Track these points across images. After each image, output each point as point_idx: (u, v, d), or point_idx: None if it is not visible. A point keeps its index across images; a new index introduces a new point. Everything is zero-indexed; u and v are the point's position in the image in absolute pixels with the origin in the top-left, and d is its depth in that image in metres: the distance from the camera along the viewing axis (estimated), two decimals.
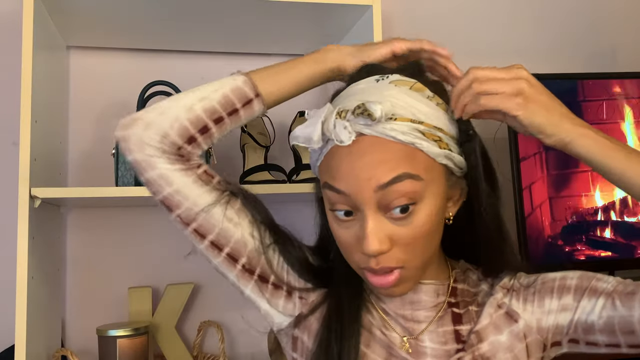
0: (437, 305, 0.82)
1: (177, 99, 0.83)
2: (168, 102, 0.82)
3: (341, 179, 0.73)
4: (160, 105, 0.82)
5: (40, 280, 1.17)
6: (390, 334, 0.81)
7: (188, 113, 0.81)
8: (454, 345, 0.80)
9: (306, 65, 0.88)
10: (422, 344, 0.80)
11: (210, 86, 0.84)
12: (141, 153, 0.79)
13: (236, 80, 0.84)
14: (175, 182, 0.79)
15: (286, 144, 1.49)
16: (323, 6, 1.26)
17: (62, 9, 1.23)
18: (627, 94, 1.53)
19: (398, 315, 0.82)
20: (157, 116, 0.80)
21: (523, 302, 0.82)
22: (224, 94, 0.83)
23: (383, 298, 0.83)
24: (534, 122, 0.74)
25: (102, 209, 1.46)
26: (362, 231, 0.72)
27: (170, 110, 0.81)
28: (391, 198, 0.71)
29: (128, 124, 0.80)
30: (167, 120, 0.80)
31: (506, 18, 1.75)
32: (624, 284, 0.78)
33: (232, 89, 0.83)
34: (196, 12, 1.28)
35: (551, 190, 1.47)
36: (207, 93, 0.83)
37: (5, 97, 1.39)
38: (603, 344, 0.78)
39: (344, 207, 0.74)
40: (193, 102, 0.81)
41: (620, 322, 0.75)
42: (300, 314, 0.84)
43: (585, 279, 0.80)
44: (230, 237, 0.81)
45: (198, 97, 0.82)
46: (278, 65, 0.88)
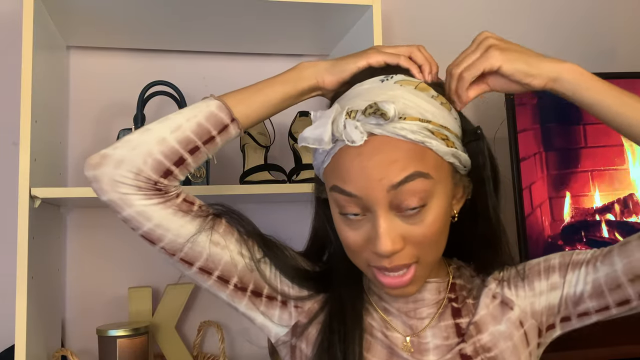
0: (438, 302, 0.84)
1: (148, 131, 0.78)
2: (138, 136, 0.77)
3: (352, 181, 0.73)
4: (130, 140, 0.77)
5: (40, 280, 1.17)
6: (392, 335, 0.82)
7: (161, 146, 0.77)
8: (455, 339, 0.81)
9: (282, 85, 0.85)
10: (424, 341, 0.81)
11: (182, 114, 0.79)
12: (115, 192, 0.76)
13: (210, 106, 0.80)
14: (154, 216, 0.77)
15: (286, 144, 1.48)
16: (323, 6, 1.26)
17: (62, 9, 1.23)
18: None
19: (401, 313, 0.82)
20: (128, 152, 0.76)
21: (515, 289, 0.85)
22: (198, 122, 0.79)
23: (385, 297, 0.83)
24: (518, 68, 0.77)
25: (102, 209, 1.45)
26: (375, 231, 0.72)
27: (142, 145, 0.76)
28: (403, 198, 0.72)
29: (97, 163, 0.76)
30: (139, 156, 0.76)
31: (506, 18, 1.75)
32: (600, 250, 0.82)
33: (207, 116, 0.79)
34: (196, 12, 1.28)
35: (551, 190, 1.47)
36: (179, 122, 0.78)
37: (5, 97, 1.39)
38: (594, 310, 0.80)
39: (354, 209, 0.74)
40: (165, 134, 0.77)
41: (606, 280, 0.78)
42: (297, 323, 0.83)
43: (566, 255, 0.84)
44: (219, 261, 0.80)
45: (170, 127, 0.78)
46: (252, 87, 0.85)
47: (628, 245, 0.78)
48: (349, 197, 0.73)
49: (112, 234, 1.44)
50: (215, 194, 1.23)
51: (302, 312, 0.84)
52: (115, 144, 0.78)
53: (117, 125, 1.36)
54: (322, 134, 0.73)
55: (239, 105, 0.81)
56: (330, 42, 1.49)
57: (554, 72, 0.77)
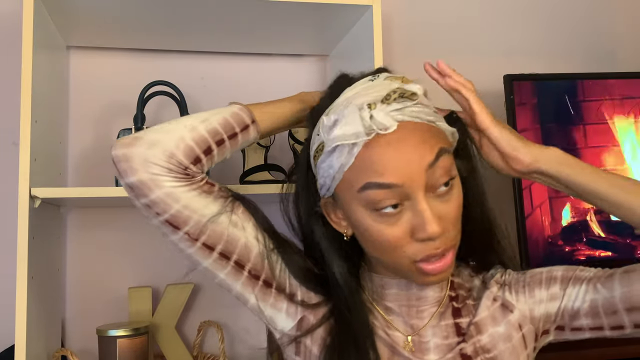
0: (439, 300, 0.85)
1: (178, 120, 0.83)
2: (169, 124, 0.82)
3: (390, 170, 0.73)
4: (162, 126, 0.81)
5: (40, 280, 1.17)
6: (393, 334, 0.82)
7: (192, 133, 0.80)
8: (455, 339, 0.82)
9: (293, 103, 0.93)
10: (424, 340, 0.82)
11: (207, 112, 0.84)
12: (146, 173, 0.77)
13: (232, 108, 0.86)
14: (182, 198, 0.78)
15: (286, 144, 1.48)
16: (323, 6, 1.26)
17: (62, 9, 1.23)
18: (627, 94, 1.53)
19: (402, 312, 0.83)
20: (162, 135, 0.79)
21: (515, 294, 0.86)
22: (224, 117, 0.83)
23: (387, 297, 0.84)
24: (504, 139, 0.83)
25: (102, 209, 1.46)
26: (419, 217, 0.73)
27: (174, 131, 0.80)
28: (437, 175, 0.74)
29: (129, 143, 0.78)
30: (172, 140, 0.79)
31: (506, 18, 1.75)
32: (603, 270, 0.84)
33: (231, 114, 0.84)
34: (196, 12, 1.28)
35: (551, 190, 1.47)
36: (206, 116, 0.83)
37: (5, 97, 1.39)
38: (587, 327, 0.82)
39: (392, 201, 0.74)
40: (195, 124, 0.81)
41: (604, 303, 0.80)
42: (303, 318, 0.84)
43: (570, 269, 0.86)
44: (237, 243, 0.80)
45: (199, 119, 0.82)
46: (267, 102, 0.93)
47: (631, 274, 0.79)
48: (387, 190, 0.73)
49: (112, 234, 1.45)
50: None
51: (309, 306, 0.84)
52: (146, 130, 0.81)
53: (117, 125, 1.36)
54: (357, 127, 0.74)
55: (256, 111, 0.87)
56: (330, 42, 1.49)
57: (539, 153, 0.82)
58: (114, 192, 1.17)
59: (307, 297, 0.85)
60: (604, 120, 1.52)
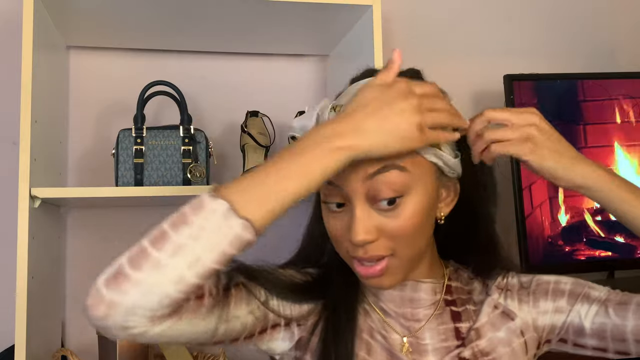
0: (434, 303, 0.84)
1: (161, 268, 0.64)
2: (149, 274, 0.64)
3: None
4: (141, 282, 0.64)
5: (40, 280, 1.17)
6: (390, 336, 0.82)
7: (179, 285, 0.64)
8: (454, 342, 0.82)
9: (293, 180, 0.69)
10: (422, 342, 0.81)
11: (201, 242, 0.64)
12: (128, 335, 0.66)
13: (233, 228, 0.65)
14: (174, 335, 0.69)
15: (286, 144, 1.48)
16: (323, 6, 1.26)
17: (62, 9, 1.23)
18: (627, 94, 1.53)
19: (398, 314, 0.83)
20: (140, 298, 0.64)
21: (518, 302, 0.85)
22: (222, 251, 0.65)
23: (382, 297, 0.84)
24: (544, 166, 0.77)
25: (102, 209, 1.45)
26: (351, 221, 0.74)
27: (155, 287, 0.64)
28: (378, 188, 0.73)
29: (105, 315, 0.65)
30: (153, 300, 0.64)
31: (506, 18, 1.75)
32: (615, 293, 0.82)
33: (231, 241, 0.65)
34: (196, 12, 1.28)
35: (551, 190, 1.47)
36: (198, 254, 0.64)
37: (5, 97, 1.39)
38: (591, 347, 0.82)
39: (335, 199, 0.76)
40: (182, 271, 0.64)
41: (613, 330, 0.79)
42: (301, 339, 0.83)
43: (578, 285, 0.84)
44: (238, 332, 0.78)
45: (188, 261, 0.64)
46: (273, 181, 0.68)
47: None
48: (331, 187, 0.76)
49: (112, 234, 1.44)
50: None
51: (305, 328, 0.83)
52: (120, 280, 0.65)
53: (117, 125, 1.36)
54: (307, 124, 0.77)
55: (259, 209, 0.66)
56: (330, 42, 1.49)
57: (582, 180, 0.78)
58: (114, 192, 1.17)
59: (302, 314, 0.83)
60: (604, 120, 1.52)
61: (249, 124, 1.41)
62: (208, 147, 1.31)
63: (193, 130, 1.29)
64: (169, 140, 1.28)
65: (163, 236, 0.66)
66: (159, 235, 0.67)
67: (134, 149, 1.25)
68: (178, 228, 0.66)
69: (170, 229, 0.67)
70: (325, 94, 1.59)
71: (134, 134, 1.26)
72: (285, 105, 1.52)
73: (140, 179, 1.24)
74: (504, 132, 0.77)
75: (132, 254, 0.68)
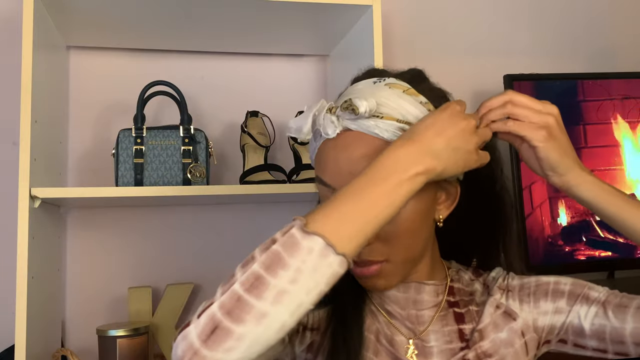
0: (437, 305, 0.84)
1: (265, 318, 0.60)
2: (255, 326, 0.60)
3: (327, 172, 0.77)
4: (244, 335, 0.59)
5: (40, 280, 1.17)
6: (396, 339, 0.82)
7: (281, 331, 0.61)
8: (458, 344, 0.82)
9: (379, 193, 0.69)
10: (427, 344, 0.82)
11: (302, 285, 0.61)
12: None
13: (332, 266, 0.62)
14: None
15: (286, 144, 1.49)
16: (323, 6, 1.26)
17: (62, 9, 1.23)
18: (627, 94, 1.53)
19: (403, 317, 0.83)
20: (243, 352, 0.59)
21: (519, 303, 0.85)
22: (320, 292, 0.63)
23: (387, 300, 0.84)
24: (550, 157, 0.78)
25: (102, 209, 1.46)
26: None
27: (261, 340, 0.60)
28: None
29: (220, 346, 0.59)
30: (257, 350, 0.60)
31: (506, 18, 1.75)
32: (614, 294, 0.83)
33: (328, 280, 0.63)
34: (196, 12, 1.28)
35: (551, 190, 1.47)
36: (300, 299, 0.61)
37: (5, 97, 1.39)
38: (591, 348, 0.82)
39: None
40: (285, 319, 0.61)
41: (612, 332, 0.80)
42: (313, 342, 0.83)
43: (578, 286, 0.84)
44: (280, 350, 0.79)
45: (290, 309, 0.61)
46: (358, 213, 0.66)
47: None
48: (327, 188, 0.77)
49: (112, 234, 1.45)
50: (215, 194, 1.23)
51: (318, 332, 0.83)
52: (221, 337, 0.59)
53: (117, 125, 1.36)
54: (303, 125, 0.77)
55: (353, 242, 0.65)
56: (330, 42, 1.49)
57: (576, 181, 0.79)
58: (114, 192, 1.17)
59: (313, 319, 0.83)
60: (604, 120, 1.52)
61: (249, 124, 1.41)
62: (208, 147, 1.31)
63: (193, 130, 1.29)
64: (169, 140, 1.28)
65: (260, 281, 0.61)
66: (255, 281, 0.61)
67: (134, 149, 1.25)
68: (275, 272, 0.61)
69: (266, 273, 0.61)
70: (325, 94, 1.59)
71: (134, 134, 1.26)
72: (285, 105, 1.52)
73: (140, 179, 1.24)
74: (527, 112, 0.77)
75: (226, 303, 0.60)
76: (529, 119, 0.77)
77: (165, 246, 1.45)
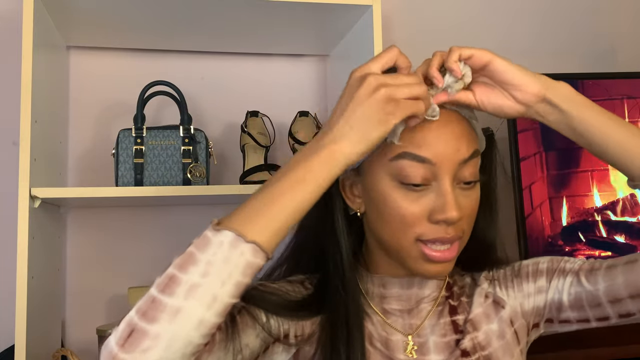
0: (435, 299, 0.85)
1: (179, 315, 0.60)
2: (169, 324, 0.60)
3: (429, 146, 0.74)
4: (160, 335, 0.59)
5: (40, 280, 1.17)
6: (392, 338, 0.82)
7: (200, 329, 0.61)
8: (453, 336, 0.82)
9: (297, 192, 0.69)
10: (424, 339, 0.82)
11: (213, 277, 0.62)
12: None
13: (244, 255, 0.63)
14: None
15: (286, 144, 1.48)
16: (323, 6, 1.26)
17: (62, 9, 1.23)
18: (627, 94, 1.53)
19: (403, 312, 0.83)
20: (163, 352, 0.59)
21: (505, 289, 0.86)
22: (236, 282, 0.63)
23: (387, 298, 0.84)
24: (511, 66, 0.77)
25: (102, 209, 1.46)
26: (442, 199, 0.74)
27: (177, 337, 0.60)
28: (466, 171, 0.76)
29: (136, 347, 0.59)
30: (178, 350, 0.60)
31: (506, 18, 1.75)
32: (588, 262, 0.84)
33: (243, 270, 0.63)
34: (196, 12, 1.28)
35: (551, 190, 1.47)
36: (214, 291, 0.61)
37: (5, 97, 1.39)
38: (574, 320, 0.83)
39: (419, 178, 0.74)
40: (201, 313, 0.61)
41: (588, 297, 0.81)
42: (299, 350, 0.82)
43: (555, 261, 0.86)
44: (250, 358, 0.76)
45: (205, 302, 0.61)
46: (270, 202, 0.67)
47: (613, 269, 0.80)
48: (419, 164, 0.74)
49: (112, 234, 1.45)
50: (215, 194, 1.23)
51: (303, 339, 0.81)
52: (136, 338, 0.59)
53: (117, 125, 1.36)
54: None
55: (267, 229, 0.65)
56: (330, 42, 1.49)
57: (550, 82, 0.77)
58: (114, 192, 1.17)
59: (300, 328, 0.81)
60: None
61: (249, 124, 1.41)
62: (208, 147, 1.31)
63: (193, 130, 1.29)
64: (169, 140, 1.28)
65: (172, 280, 0.62)
66: (167, 281, 0.62)
67: (134, 149, 1.25)
68: (186, 269, 0.62)
69: (178, 271, 0.63)
70: (326, 94, 1.59)
71: (134, 134, 1.26)
72: (285, 105, 1.52)
73: (140, 179, 1.24)
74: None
75: (142, 306, 0.61)
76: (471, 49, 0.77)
77: (165, 246, 1.44)
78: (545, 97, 0.76)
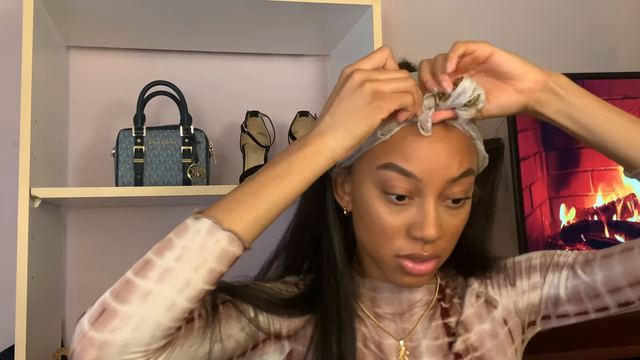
0: (428, 303, 0.84)
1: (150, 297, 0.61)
2: (140, 306, 0.61)
3: (416, 161, 0.72)
4: (130, 315, 0.61)
5: (40, 280, 1.17)
6: (385, 342, 0.81)
7: (170, 312, 0.62)
8: (446, 339, 0.82)
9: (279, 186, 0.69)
10: (416, 343, 0.81)
11: (187, 262, 0.63)
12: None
13: (219, 242, 0.64)
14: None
15: (286, 144, 1.48)
16: (323, 6, 1.26)
17: (62, 9, 1.23)
18: (627, 94, 1.53)
19: (395, 316, 0.82)
20: (131, 333, 0.61)
21: (498, 288, 0.86)
22: (210, 268, 0.63)
23: (379, 302, 0.83)
24: (512, 57, 0.76)
25: (102, 209, 1.45)
26: (422, 216, 0.72)
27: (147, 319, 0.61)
28: (454, 189, 0.73)
29: (98, 357, 0.61)
30: (147, 332, 0.61)
31: (506, 18, 1.75)
32: (582, 254, 0.83)
33: (218, 257, 0.64)
34: (196, 12, 1.28)
35: (551, 190, 1.47)
36: (187, 276, 0.62)
37: (5, 97, 1.39)
38: (573, 313, 0.82)
39: (403, 190, 0.73)
40: (173, 297, 0.62)
41: (586, 288, 0.80)
42: (292, 350, 0.81)
43: (547, 256, 0.85)
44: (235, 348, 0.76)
45: (177, 286, 0.62)
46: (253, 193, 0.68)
47: (610, 259, 0.79)
48: (404, 177, 0.72)
49: (112, 234, 1.45)
50: (216, 194, 1.23)
51: (295, 338, 0.81)
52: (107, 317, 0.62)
53: (117, 125, 1.36)
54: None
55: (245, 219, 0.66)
56: (330, 42, 1.49)
57: (550, 72, 0.77)
58: (114, 192, 1.17)
59: (292, 327, 0.81)
60: None
61: (249, 124, 1.41)
62: (208, 147, 1.31)
63: (193, 130, 1.29)
64: (169, 140, 1.28)
65: (147, 264, 0.64)
66: (143, 264, 0.64)
67: (134, 149, 1.25)
68: (162, 253, 0.64)
69: (154, 256, 0.64)
70: (326, 94, 1.59)
71: (134, 134, 1.26)
72: (285, 105, 1.52)
73: (140, 179, 1.24)
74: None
75: (116, 287, 0.64)
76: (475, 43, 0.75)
77: None
78: (547, 84, 0.76)
